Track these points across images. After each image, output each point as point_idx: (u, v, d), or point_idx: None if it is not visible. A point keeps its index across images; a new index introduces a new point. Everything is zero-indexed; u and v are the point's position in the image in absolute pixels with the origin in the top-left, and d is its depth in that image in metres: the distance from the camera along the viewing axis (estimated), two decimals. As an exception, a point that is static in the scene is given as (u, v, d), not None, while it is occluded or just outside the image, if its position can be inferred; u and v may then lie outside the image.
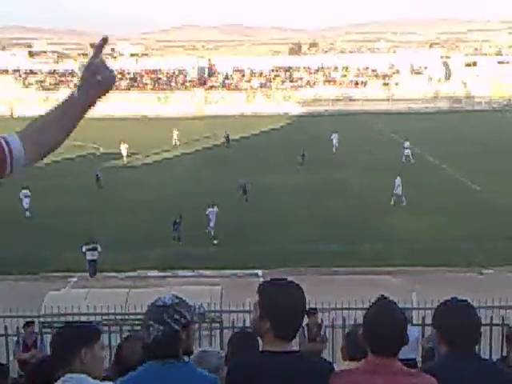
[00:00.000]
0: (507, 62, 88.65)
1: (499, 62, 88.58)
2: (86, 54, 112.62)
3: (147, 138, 55.22)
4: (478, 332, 3.57)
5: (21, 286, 21.10)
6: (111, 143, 49.90)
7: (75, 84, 2.78)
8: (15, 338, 12.37)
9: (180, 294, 3.48)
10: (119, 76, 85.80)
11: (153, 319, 3.21)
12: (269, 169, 40.71)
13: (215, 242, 26.13)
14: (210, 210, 27.15)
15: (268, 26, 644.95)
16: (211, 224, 26.93)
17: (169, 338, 3.20)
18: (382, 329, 3.20)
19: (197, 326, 3.53)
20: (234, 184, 33.98)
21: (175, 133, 53.46)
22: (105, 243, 23.52)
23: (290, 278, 3.38)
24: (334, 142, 48.59)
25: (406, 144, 43.89)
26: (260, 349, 3.39)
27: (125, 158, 45.74)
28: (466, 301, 3.59)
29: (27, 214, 30.66)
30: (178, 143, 53.11)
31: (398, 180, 32.41)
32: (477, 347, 3.68)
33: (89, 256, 22.52)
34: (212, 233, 26.81)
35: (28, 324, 12.01)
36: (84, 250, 22.48)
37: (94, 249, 22.51)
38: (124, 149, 45.84)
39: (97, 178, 37.13)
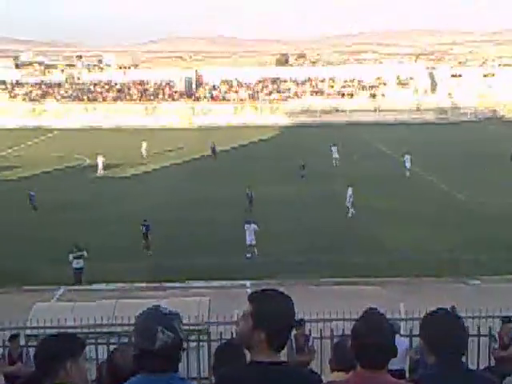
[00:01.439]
0: (492, 74, 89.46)
1: (484, 75, 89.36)
2: (74, 65, 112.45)
3: (134, 149, 55.00)
4: (465, 342, 3.57)
5: (5, 299, 20.89)
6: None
7: (62, 95, 2.54)
8: (0, 351, 12.23)
9: (167, 305, 3.44)
10: (106, 87, 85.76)
11: (163, 325, 3.10)
12: (259, 180, 40.62)
13: (248, 255, 25.70)
14: (247, 226, 26.33)
15: (255, 37, 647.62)
16: (248, 241, 26.01)
17: (176, 346, 3.13)
18: (370, 342, 3.20)
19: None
20: (225, 195, 34.03)
21: (144, 144, 52.90)
22: (91, 255, 23.40)
23: (278, 289, 3.37)
24: (335, 155, 47.39)
25: (406, 157, 42.62)
26: (248, 360, 3.37)
27: (100, 170, 45.10)
28: (450, 311, 3.59)
29: None
30: (145, 155, 52.26)
31: (349, 191, 32.51)
32: (464, 357, 3.68)
33: (75, 264, 22.47)
34: (250, 250, 25.91)
35: (13, 337, 11.85)
36: (71, 258, 22.43)
37: (80, 257, 22.45)
38: (100, 161, 45.37)
39: (29, 198, 34.43)
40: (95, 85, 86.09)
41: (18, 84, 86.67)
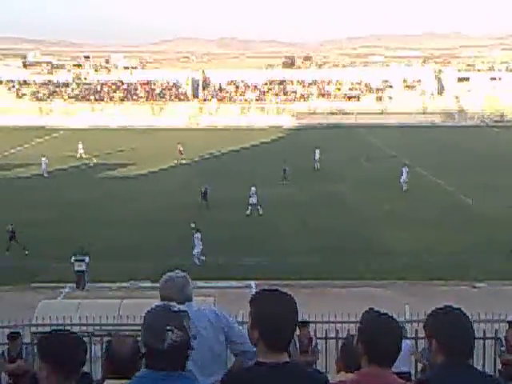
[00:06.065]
0: (499, 78, 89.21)
1: (492, 78, 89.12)
2: (80, 65, 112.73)
3: (140, 150, 55.06)
4: (474, 342, 3.53)
5: (11, 297, 20.92)
6: (103, 154, 49.86)
7: (69, 95, 2.44)
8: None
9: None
10: (113, 87, 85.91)
11: (173, 324, 3.02)
12: (259, 182, 40.51)
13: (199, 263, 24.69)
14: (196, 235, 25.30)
15: (262, 39, 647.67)
16: (196, 250, 25.05)
17: (185, 345, 3.06)
18: (384, 340, 3.19)
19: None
20: (233, 195, 34.08)
21: (80, 146, 51.93)
22: (97, 254, 23.43)
23: (281, 290, 3.35)
24: (317, 157, 46.67)
25: (403, 169, 38.82)
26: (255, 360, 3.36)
27: (44, 172, 44.49)
28: (460, 309, 3.51)
29: None
30: (83, 156, 51.25)
31: (253, 189, 32.95)
32: (470, 360, 3.63)
33: (76, 267, 22.46)
34: (196, 260, 24.84)
35: (13, 335, 11.58)
36: (72, 260, 22.46)
37: (82, 260, 22.40)
38: (44, 162, 44.60)
39: None
40: (102, 85, 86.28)
41: (26, 83, 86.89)
